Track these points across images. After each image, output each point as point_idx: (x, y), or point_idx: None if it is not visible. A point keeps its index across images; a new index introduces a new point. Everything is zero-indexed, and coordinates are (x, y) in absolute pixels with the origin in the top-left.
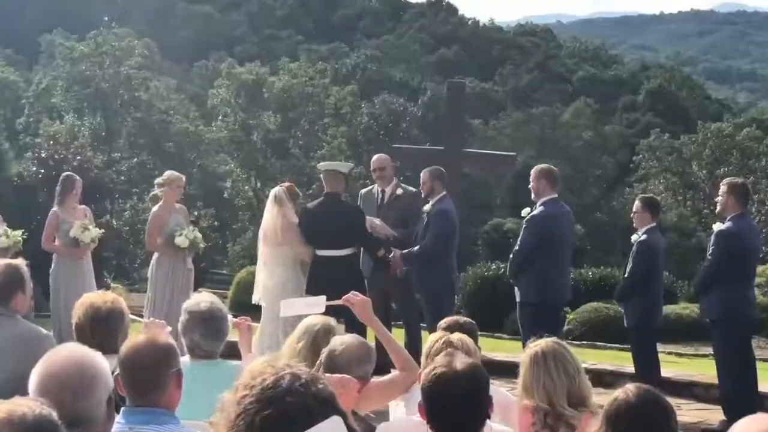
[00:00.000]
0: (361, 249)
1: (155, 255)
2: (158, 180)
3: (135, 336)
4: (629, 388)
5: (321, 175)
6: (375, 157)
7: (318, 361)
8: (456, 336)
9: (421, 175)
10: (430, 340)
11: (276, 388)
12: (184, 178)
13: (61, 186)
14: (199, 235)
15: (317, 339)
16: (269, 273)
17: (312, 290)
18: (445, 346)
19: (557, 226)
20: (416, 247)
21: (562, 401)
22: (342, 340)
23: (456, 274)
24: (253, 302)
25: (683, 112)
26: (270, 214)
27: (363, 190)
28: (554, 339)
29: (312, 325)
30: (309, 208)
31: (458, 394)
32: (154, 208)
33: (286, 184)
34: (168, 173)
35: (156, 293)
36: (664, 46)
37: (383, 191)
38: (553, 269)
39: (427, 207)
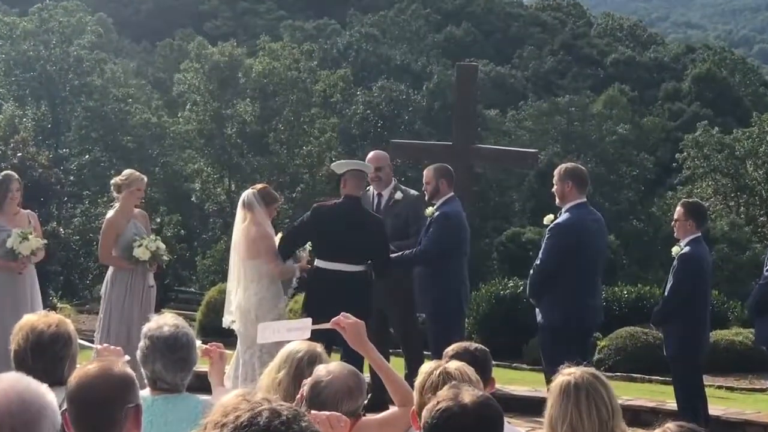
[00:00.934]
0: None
1: (110, 270)
2: (115, 180)
3: (86, 365)
4: (669, 428)
5: (344, 176)
6: (370, 154)
7: (300, 394)
8: (453, 365)
9: (424, 173)
10: (422, 371)
11: (251, 427)
12: (145, 179)
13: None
14: (162, 246)
15: (300, 368)
16: (243, 291)
17: (313, 312)
18: (441, 378)
19: (586, 235)
20: (408, 251)
21: None
22: (328, 369)
23: (466, 291)
24: (224, 326)
25: (736, 102)
26: (240, 221)
27: None
28: (592, 370)
29: (294, 352)
30: (323, 208)
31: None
32: (109, 214)
33: (259, 186)
34: (127, 172)
35: (110, 314)
36: (713, 23)
37: (380, 195)
38: (582, 287)
39: (429, 210)
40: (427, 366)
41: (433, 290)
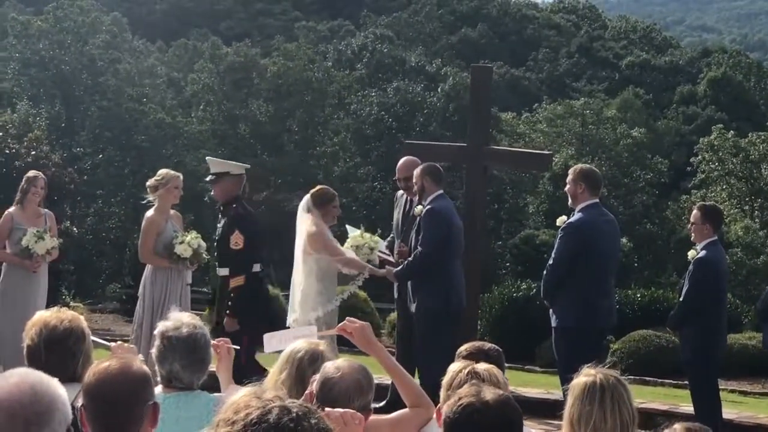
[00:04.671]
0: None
1: (147, 269)
2: (150, 182)
3: (102, 362)
4: (676, 429)
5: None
6: (401, 162)
7: (308, 392)
8: (482, 366)
9: (414, 173)
10: (451, 370)
11: (261, 424)
12: (180, 177)
13: (23, 184)
14: (204, 244)
15: (302, 368)
16: (300, 285)
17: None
18: (470, 377)
19: (598, 235)
20: (407, 260)
21: None
22: (336, 365)
23: (458, 291)
24: (287, 325)
25: (751, 106)
26: (300, 223)
27: (399, 192)
28: (616, 372)
29: (295, 352)
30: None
31: (488, 429)
32: (149, 213)
33: (314, 189)
34: (162, 172)
35: (151, 313)
36: (729, 27)
37: (411, 201)
38: (594, 287)
39: (418, 209)
40: (454, 365)
41: (419, 289)
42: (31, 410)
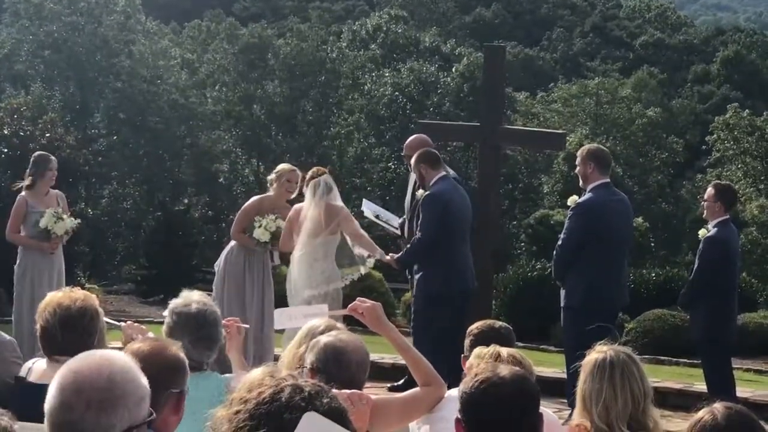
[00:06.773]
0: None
1: (229, 246)
2: (271, 176)
3: (139, 342)
4: (717, 408)
5: None
6: (409, 140)
7: (309, 374)
8: (505, 351)
9: (411, 164)
10: (475, 355)
11: (273, 403)
12: (296, 170)
13: (34, 167)
14: (283, 224)
15: None
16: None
17: None
18: (492, 359)
19: (608, 214)
20: (408, 246)
21: (621, 424)
22: (338, 338)
23: (458, 273)
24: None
25: (766, 85)
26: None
27: (411, 174)
28: (627, 349)
29: (315, 327)
30: None
31: (506, 402)
32: (257, 196)
33: (324, 169)
34: (279, 166)
35: (227, 290)
36: (744, 5)
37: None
38: (604, 267)
39: (419, 193)
40: (480, 350)
41: (418, 272)
42: (96, 396)
